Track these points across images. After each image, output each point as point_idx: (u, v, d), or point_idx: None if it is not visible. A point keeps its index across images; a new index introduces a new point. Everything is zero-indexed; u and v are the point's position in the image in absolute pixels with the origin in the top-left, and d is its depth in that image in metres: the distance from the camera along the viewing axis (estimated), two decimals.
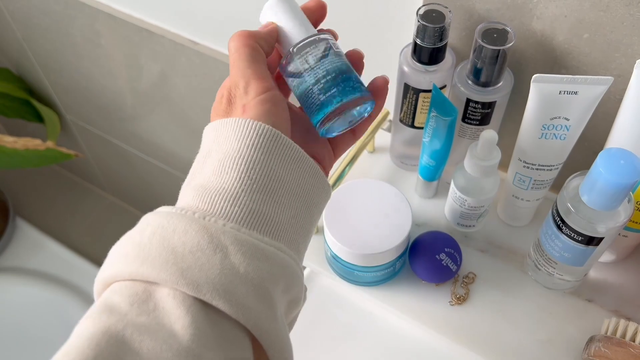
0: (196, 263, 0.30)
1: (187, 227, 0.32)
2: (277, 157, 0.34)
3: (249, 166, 0.33)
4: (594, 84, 0.45)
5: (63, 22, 0.97)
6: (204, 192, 0.34)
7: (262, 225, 0.33)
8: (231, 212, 0.33)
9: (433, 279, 0.54)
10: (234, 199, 0.33)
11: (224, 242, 0.31)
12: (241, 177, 0.33)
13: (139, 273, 0.31)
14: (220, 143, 0.35)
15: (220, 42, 0.77)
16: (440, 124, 0.51)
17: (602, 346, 0.48)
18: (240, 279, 0.31)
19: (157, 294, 0.30)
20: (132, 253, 0.31)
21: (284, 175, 0.34)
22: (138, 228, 0.33)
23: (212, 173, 0.34)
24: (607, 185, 0.42)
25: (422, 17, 0.49)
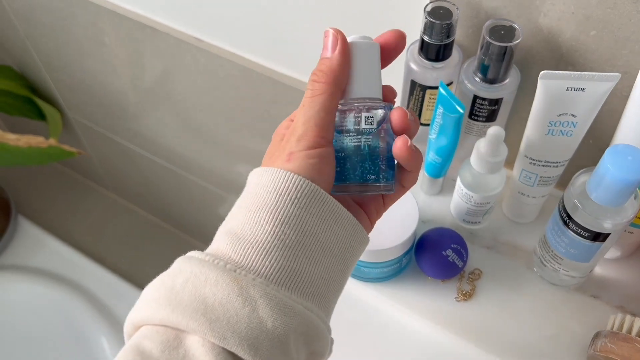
0: (225, 315, 0.31)
1: (219, 277, 0.32)
2: (314, 213, 0.34)
3: (284, 220, 0.33)
4: (601, 81, 0.45)
5: (66, 20, 0.97)
6: (237, 241, 0.34)
7: (291, 282, 0.33)
8: (262, 267, 0.33)
9: (439, 275, 0.54)
10: (266, 254, 0.33)
11: (253, 295, 0.32)
12: (275, 232, 0.33)
13: (169, 320, 0.31)
14: (258, 193, 0.34)
15: (225, 40, 0.78)
16: (447, 120, 0.51)
17: (608, 342, 0.48)
18: (267, 333, 0.31)
19: (187, 341, 0.31)
20: (164, 298, 0.32)
21: (320, 231, 0.34)
22: (171, 272, 0.34)
23: (246, 221, 0.34)
24: (614, 181, 0.43)
25: (430, 14, 0.49)
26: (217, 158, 1.07)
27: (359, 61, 0.35)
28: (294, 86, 0.75)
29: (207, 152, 1.07)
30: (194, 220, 1.41)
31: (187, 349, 0.31)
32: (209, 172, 1.14)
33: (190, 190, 1.25)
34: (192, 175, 1.19)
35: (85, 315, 1.33)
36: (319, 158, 0.34)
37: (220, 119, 0.94)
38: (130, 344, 0.32)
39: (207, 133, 1.01)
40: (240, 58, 0.78)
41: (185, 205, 1.36)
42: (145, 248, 1.51)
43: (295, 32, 0.69)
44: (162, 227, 1.56)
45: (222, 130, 0.97)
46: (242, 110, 0.88)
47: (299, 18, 0.67)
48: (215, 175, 1.14)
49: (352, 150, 0.35)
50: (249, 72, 0.78)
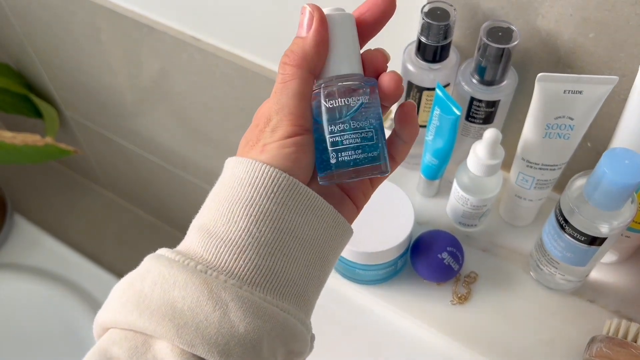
0: (194, 320, 0.30)
1: (188, 280, 0.30)
2: (291, 207, 0.32)
3: (259, 217, 0.31)
4: (599, 84, 0.45)
5: (63, 18, 0.97)
6: (210, 238, 0.32)
7: (267, 282, 0.31)
8: (235, 267, 0.31)
9: (435, 278, 0.54)
10: (240, 252, 0.31)
11: (224, 298, 0.30)
12: (249, 228, 0.31)
13: (137, 325, 0.30)
14: (232, 186, 0.33)
15: (222, 39, 0.77)
16: (444, 122, 0.51)
17: (603, 347, 0.47)
18: (238, 339, 0.30)
19: (156, 347, 0.30)
20: (132, 302, 0.31)
21: (297, 227, 0.32)
22: (139, 273, 0.32)
23: (219, 217, 0.32)
24: (611, 185, 0.42)
25: (427, 15, 0.49)
26: (214, 157, 1.07)
27: (334, 36, 0.33)
28: None
29: (204, 151, 1.07)
30: (190, 219, 1.40)
31: (156, 354, 0.30)
32: (206, 171, 1.13)
33: (186, 189, 1.25)
34: (189, 174, 1.19)
35: (81, 314, 1.33)
36: (295, 147, 0.32)
37: (217, 118, 0.94)
38: (98, 349, 0.31)
39: (204, 132, 1.01)
40: (236, 57, 0.77)
41: (181, 204, 1.35)
42: (141, 247, 1.50)
43: (291, 31, 0.68)
44: (158, 226, 1.55)
45: (218, 129, 0.97)
46: (238, 109, 0.87)
47: (296, 17, 0.66)
48: (211, 174, 1.13)
49: (337, 133, 0.32)
50: (245, 71, 0.78)
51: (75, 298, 1.35)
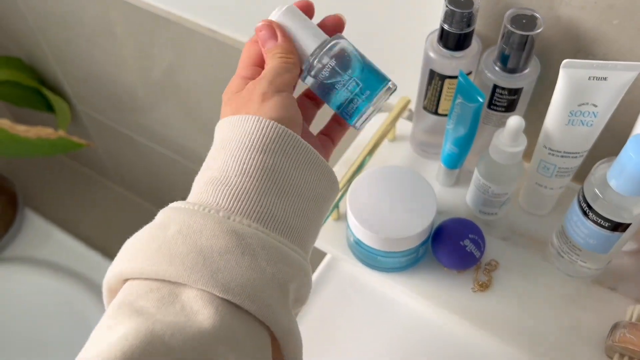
0: (226, 266, 0.31)
1: (215, 228, 0.32)
2: (295, 160, 0.35)
3: (270, 169, 0.34)
4: (624, 70, 0.45)
5: (76, 11, 0.97)
6: (224, 187, 0.33)
7: (281, 228, 0.34)
8: (254, 212, 0.33)
9: (456, 265, 0.54)
10: (256, 199, 0.33)
11: (251, 244, 0.32)
12: (263, 179, 0.34)
13: (168, 274, 0.31)
14: (239, 140, 0.35)
15: (238, 30, 0.77)
16: (466, 110, 0.51)
17: (627, 332, 0.48)
18: (267, 282, 0.31)
19: (184, 296, 0.31)
20: (160, 252, 0.31)
21: (300, 178, 0.35)
22: (159, 224, 0.33)
23: (230, 168, 0.34)
24: (636, 170, 0.42)
25: (450, 2, 0.49)
26: None
27: (295, 27, 0.40)
28: None
29: None
30: None
31: (184, 303, 0.30)
32: None
33: None
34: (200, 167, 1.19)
35: (92, 308, 1.34)
36: (291, 99, 0.37)
37: None
38: (122, 303, 0.31)
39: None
40: None
41: None
42: None
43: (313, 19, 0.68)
44: None
45: None
46: None
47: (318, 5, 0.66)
48: None
49: (346, 81, 0.40)
50: None
51: (86, 291, 1.36)
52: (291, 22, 0.40)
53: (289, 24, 0.40)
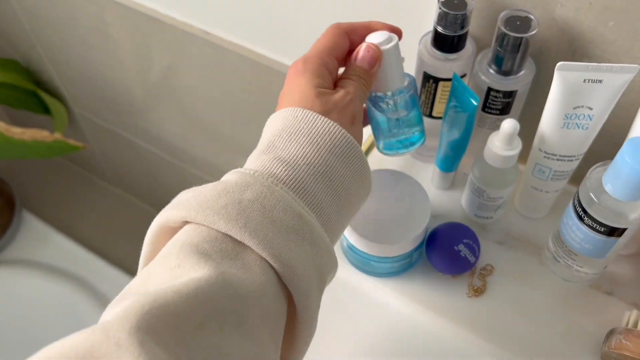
0: (289, 245, 0.34)
1: (286, 206, 0.35)
2: (352, 170, 0.39)
3: (332, 168, 0.38)
4: (620, 72, 0.44)
5: (72, 13, 0.96)
6: (293, 171, 0.37)
7: (327, 225, 0.38)
8: (313, 204, 0.37)
9: (450, 270, 0.53)
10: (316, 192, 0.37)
11: (311, 232, 0.35)
12: (325, 174, 0.38)
13: (240, 234, 0.33)
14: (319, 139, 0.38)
15: (232, 32, 0.77)
16: (460, 113, 0.50)
17: (623, 338, 0.47)
18: (314, 269, 0.36)
19: (246, 255, 0.34)
20: (232, 210, 0.34)
21: (351, 185, 0.39)
22: (236, 184, 0.35)
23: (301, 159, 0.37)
24: (632, 174, 0.42)
25: (444, 4, 0.48)
26: (223, 153, 1.06)
27: (388, 61, 0.44)
28: None
29: (213, 147, 1.06)
30: None
31: (245, 261, 0.33)
32: (215, 167, 1.13)
33: (195, 184, 1.24)
34: (198, 169, 1.19)
35: (89, 310, 1.33)
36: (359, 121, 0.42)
37: (227, 113, 0.93)
38: (184, 243, 0.33)
39: (213, 127, 1.00)
40: (248, 51, 0.77)
41: None
42: None
43: (304, 24, 0.68)
44: None
45: (228, 125, 0.97)
46: (249, 104, 0.87)
47: (308, 10, 0.66)
48: (220, 170, 1.13)
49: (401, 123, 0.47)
50: (257, 65, 0.77)
51: (83, 294, 1.35)
52: (390, 55, 0.44)
53: (387, 57, 0.43)
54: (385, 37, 0.43)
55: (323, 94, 0.40)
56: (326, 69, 0.41)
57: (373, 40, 0.43)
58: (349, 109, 0.40)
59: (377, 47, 0.43)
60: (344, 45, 0.43)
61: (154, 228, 0.37)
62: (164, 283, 0.31)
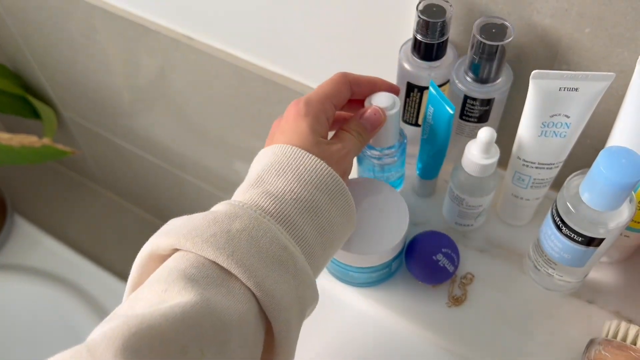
0: (273, 276, 0.35)
1: (273, 238, 0.36)
2: (337, 206, 0.41)
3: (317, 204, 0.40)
4: (595, 80, 0.44)
5: (58, 18, 0.96)
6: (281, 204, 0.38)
7: (311, 258, 0.39)
8: (299, 237, 0.38)
9: (430, 280, 0.53)
10: (302, 226, 0.39)
11: (295, 265, 0.37)
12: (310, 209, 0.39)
13: (227, 262, 0.34)
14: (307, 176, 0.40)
15: (215, 38, 0.76)
16: (437, 121, 0.50)
17: (602, 349, 0.46)
18: (295, 301, 0.37)
19: (231, 284, 0.35)
20: (221, 239, 0.35)
21: (336, 221, 0.41)
22: (225, 214, 0.37)
23: (289, 192, 0.39)
24: (608, 184, 0.41)
25: (423, 12, 0.48)
26: (211, 156, 1.06)
27: (389, 125, 0.48)
28: (285, 85, 0.74)
29: (202, 150, 1.06)
30: None
31: (230, 289, 0.34)
32: (204, 170, 1.12)
33: (185, 188, 1.24)
34: (187, 173, 1.18)
35: (81, 315, 1.33)
36: None
37: (214, 117, 0.93)
38: (172, 269, 0.34)
39: (201, 131, 1.00)
40: (231, 56, 0.76)
41: (180, 203, 1.35)
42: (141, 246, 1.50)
43: (286, 30, 0.67)
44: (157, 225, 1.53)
45: (216, 128, 0.96)
46: (234, 108, 0.86)
47: (290, 16, 0.65)
48: (209, 173, 1.12)
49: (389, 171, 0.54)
50: (240, 71, 0.77)
51: (75, 298, 1.35)
52: (392, 119, 0.47)
53: (389, 121, 0.47)
54: (390, 101, 0.47)
55: (321, 143, 0.42)
56: (325, 115, 0.43)
57: (379, 102, 0.46)
58: (343, 163, 0.43)
59: (384, 114, 0.46)
60: (345, 95, 0.46)
61: (143, 254, 0.38)
62: (151, 306, 0.32)
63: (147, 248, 0.37)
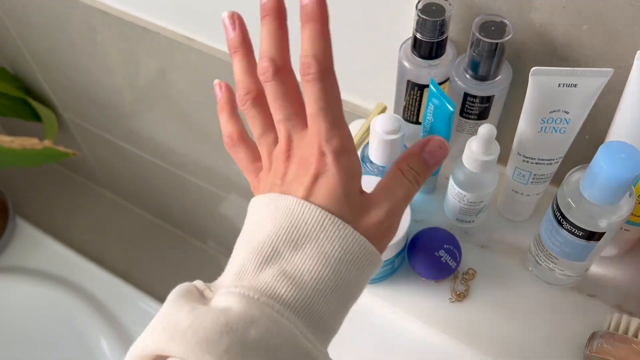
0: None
1: (294, 346, 0.31)
2: (366, 274, 0.35)
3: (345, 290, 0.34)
4: (594, 76, 0.44)
5: (58, 19, 0.96)
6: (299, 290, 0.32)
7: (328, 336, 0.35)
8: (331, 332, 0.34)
9: (432, 276, 0.53)
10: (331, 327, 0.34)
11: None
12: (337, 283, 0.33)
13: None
14: (320, 241, 0.33)
15: (215, 38, 0.77)
16: (437, 118, 0.50)
17: (604, 342, 0.47)
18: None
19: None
20: (235, 355, 0.29)
21: (360, 286, 0.35)
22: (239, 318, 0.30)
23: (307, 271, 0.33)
24: (608, 179, 0.42)
25: (422, 11, 0.48)
26: (213, 155, 1.06)
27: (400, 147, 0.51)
28: None
29: (203, 150, 1.06)
30: (191, 218, 1.40)
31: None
32: (206, 170, 1.13)
33: (187, 188, 1.25)
34: (189, 173, 1.19)
35: (84, 316, 1.33)
36: None
37: (214, 117, 0.93)
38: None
39: (202, 131, 1.00)
40: None
41: (182, 204, 1.35)
42: (144, 247, 1.51)
43: None
44: (159, 225, 1.55)
45: (216, 129, 0.96)
46: None
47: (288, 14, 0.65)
48: (210, 173, 1.13)
49: None
50: None
51: (78, 300, 1.35)
52: (397, 141, 0.50)
53: (395, 142, 0.50)
54: (396, 124, 0.49)
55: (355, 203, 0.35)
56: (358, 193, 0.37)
57: (384, 125, 0.47)
58: (390, 236, 0.36)
59: (447, 148, 0.38)
60: None
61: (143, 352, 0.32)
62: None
63: (147, 349, 0.31)
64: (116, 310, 1.34)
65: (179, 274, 1.39)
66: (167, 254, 1.49)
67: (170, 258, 1.48)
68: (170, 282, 0.37)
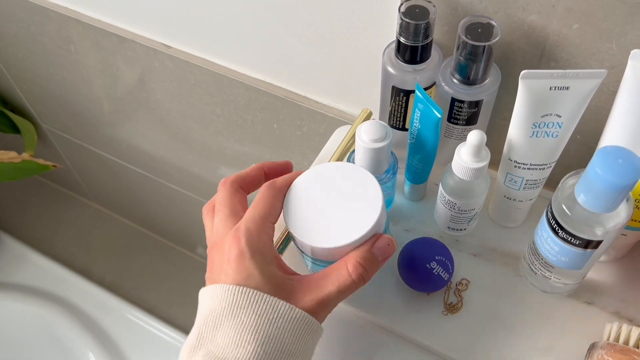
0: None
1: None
2: (290, 330, 0.38)
3: (265, 341, 0.37)
4: (587, 78, 0.42)
5: (31, 29, 0.93)
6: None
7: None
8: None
9: (424, 289, 0.51)
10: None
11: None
12: (257, 351, 0.36)
13: None
14: (236, 314, 0.37)
15: (193, 45, 0.74)
16: (425, 125, 0.48)
17: (605, 354, 0.45)
18: None
19: None
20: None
21: (293, 344, 0.38)
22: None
23: (228, 344, 0.37)
24: (604, 186, 0.40)
25: (405, 14, 0.46)
26: (195, 163, 1.04)
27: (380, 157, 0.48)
28: (267, 90, 0.72)
29: (185, 158, 1.04)
30: (178, 227, 1.37)
31: None
32: (189, 177, 1.10)
33: (172, 197, 1.22)
34: (172, 181, 1.16)
35: (71, 330, 1.30)
36: None
37: (195, 124, 0.91)
38: None
39: (183, 139, 0.98)
40: (210, 63, 0.74)
41: (168, 213, 1.32)
42: (130, 258, 1.48)
43: (264, 35, 0.66)
44: (146, 236, 1.52)
45: (197, 136, 0.94)
46: (216, 115, 0.84)
47: (267, 21, 0.63)
48: (194, 180, 1.10)
49: None
50: (220, 77, 0.75)
51: (65, 313, 1.33)
52: (384, 150, 0.48)
53: (381, 151, 0.48)
54: (382, 132, 0.46)
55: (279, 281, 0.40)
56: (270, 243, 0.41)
57: (371, 133, 0.46)
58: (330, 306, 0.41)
59: (395, 246, 0.42)
60: (278, 207, 0.43)
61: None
62: None
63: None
64: (104, 323, 1.31)
65: (167, 283, 1.37)
66: (155, 263, 1.46)
67: (158, 268, 1.45)
68: (159, 292, 0.42)
